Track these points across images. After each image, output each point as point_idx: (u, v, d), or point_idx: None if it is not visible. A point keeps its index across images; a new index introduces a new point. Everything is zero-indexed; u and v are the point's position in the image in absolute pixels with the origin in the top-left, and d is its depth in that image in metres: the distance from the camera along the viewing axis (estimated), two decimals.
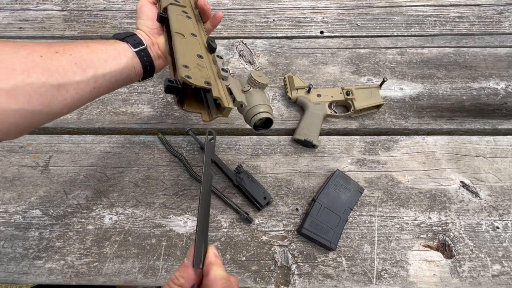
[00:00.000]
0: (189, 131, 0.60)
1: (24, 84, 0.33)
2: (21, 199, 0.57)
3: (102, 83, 0.41)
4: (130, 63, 0.44)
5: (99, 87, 0.41)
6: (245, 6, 0.83)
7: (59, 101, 0.36)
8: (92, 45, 0.41)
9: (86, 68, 0.38)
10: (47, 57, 0.35)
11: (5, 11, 0.81)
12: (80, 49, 0.39)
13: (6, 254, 0.52)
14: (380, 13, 0.82)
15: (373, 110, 0.67)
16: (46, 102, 0.35)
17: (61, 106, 0.37)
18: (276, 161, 0.62)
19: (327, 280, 0.52)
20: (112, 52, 0.42)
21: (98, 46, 0.41)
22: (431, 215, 0.57)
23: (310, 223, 0.53)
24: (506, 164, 0.62)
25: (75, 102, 0.38)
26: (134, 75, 0.45)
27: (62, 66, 0.36)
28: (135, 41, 0.45)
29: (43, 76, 0.34)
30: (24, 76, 0.33)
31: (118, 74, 0.42)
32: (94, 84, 0.39)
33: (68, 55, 0.37)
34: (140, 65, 0.45)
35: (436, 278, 0.52)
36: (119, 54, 0.43)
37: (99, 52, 0.41)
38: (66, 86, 0.36)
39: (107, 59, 0.41)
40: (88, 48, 0.40)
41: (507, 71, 0.73)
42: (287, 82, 0.67)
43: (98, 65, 0.40)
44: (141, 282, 0.51)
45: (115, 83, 0.43)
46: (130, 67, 0.44)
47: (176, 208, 0.57)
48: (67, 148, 0.62)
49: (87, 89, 0.39)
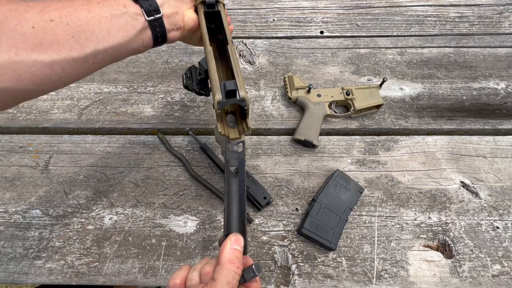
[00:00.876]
0: (189, 131, 0.60)
1: (12, 62, 0.28)
2: (21, 199, 0.57)
3: (103, 58, 0.36)
4: (138, 36, 0.37)
5: (99, 63, 0.36)
6: (245, 6, 0.83)
7: (53, 80, 0.32)
8: (94, 9, 0.34)
9: (85, 42, 0.33)
10: (39, 28, 0.30)
11: None
12: (79, 15, 0.33)
13: (6, 254, 0.52)
14: (380, 13, 0.82)
15: (373, 110, 0.67)
16: (38, 81, 0.31)
17: (56, 84, 0.33)
18: (276, 161, 0.62)
19: (327, 280, 0.52)
20: (118, 21, 0.35)
21: (101, 11, 0.34)
22: (431, 215, 0.57)
23: (310, 223, 0.53)
24: (506, 164, 0.62)
25: (72, 79, 0.34)
26: (141, 47, 0.39)
27: (56, 41, 0.31)
28: (150, 7, 0.38)
29: (34, 53, 0.29)
30: (12, 53, 0.28)
31: (122, 48, 0.36)
32: (93, 60, 0.35)
33: (65, 24, 0.32)
34: (151, 38, 0.39)
35: (436, 278, 0.52)
36: (126, 24, 0.36)
37: (101, 21, 0.34)
38: (61, 64, 0.32)
39: (111, 30, 0.35)
40: (89, 14, 0.33)
41: (507, 71, 0.73)
42: (287, 82, 0.67)
43: (99, 37, 0.34)
44: (141, 282, 0.51)
45: (118, 57, 0.38)
46: (138, 39, 0.38)
47: (176, 208, 0.57)
48: (67, 148, 0.62)
49: (85, 65, 0.34)
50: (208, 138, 0.63)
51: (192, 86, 0.48)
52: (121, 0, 0.36)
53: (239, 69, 0.41)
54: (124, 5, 0.36)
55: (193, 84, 0.49)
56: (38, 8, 0.31)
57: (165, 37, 0.41)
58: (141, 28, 0.37)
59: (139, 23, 0.37)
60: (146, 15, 0.37)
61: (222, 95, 0.37)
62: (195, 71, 0.50)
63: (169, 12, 0.40)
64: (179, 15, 0.42)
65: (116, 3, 0.36)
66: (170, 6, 0.41)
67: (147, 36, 0.39)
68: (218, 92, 0.38)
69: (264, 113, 0.67)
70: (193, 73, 0.50)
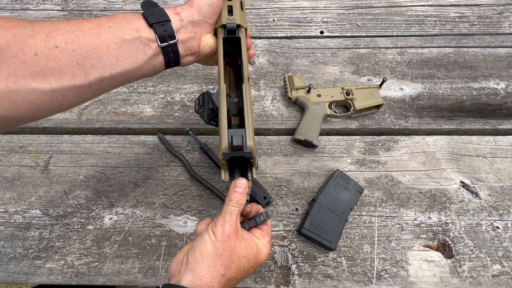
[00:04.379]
0: (189, 131, 0.60)
1: (9, 90, 0.27)
2: (21, 199, 0.57)
3: (109, 84, 0.34)
4: (149, 62, 0.35)
5: (105, 88, 0.34)
6: (245, 6, 0.83)
7: (53, 107, 0.31)
8: (104, 34, 0.32)
9: (91, 69, 0.31)
10: (42, 55, 0.28)
11: (5, 11, 0.81)
12: (87, 40, 0.31)
13: (6, 254, 0.52)
14: (380, 13, 0.82)
15: (373, 110, 0.67)
16: (36, 109, 0.30)
17: (56, 110, 0.32)
18: (276, 161, 0.62)
19: (327, 280, 0.52)
20: (129, 47, 0.33)
21: (112, 37, 0.32)
22: (431, 215, 0.57)
23: (310, 223, 0.53)
24: (506, 164, 0.62)
25: (74, 104, 0.33)
26: (151, 72, 0.37)
27: (59, 68, 0.29)
28: (165, 32, 0.35)
29: (34, 81, 0.28)
30: (10, 81, 0.27)
31: (130, 73, 0.35)
32: (98, 86, 0.33)
33: (71, 50, 0.30)
34: (163, 63, 0.37)
35: (436, 278, 0.52)
36: (137, 50, 0.34)
37: (110, 47, 0.32)
38: (62, 91, 0.30)
39: (120, 56, 0.33)
40: (98, 39, 0.32)
41: (507, 71, 0.73)
42: (287, 82, 0.67)
43: (106, 64, 0.32)
44: (141, 282, 0.51)
45: (125, 82, 0.36)
46: (148, 65, 0.36)
47: (176, 208, 0.57)
48: (67, 148, 0.62)
49: (88, 92, 0.33)
50: (208, 138, 0.63)
51: (203, 116, 0.46)
52: (135, 23, 0.34)
53: (251, 113, 0.38)
54: (137, 30, 0.34)
55: (204, 114, 0.46)
56: (44, 32, 0.29)
57: (178, 62, 0.39)
58: (153, 54, 0.35)
59: (151, 49, 0.35)
60: (160, 41, 0.35)
61: (228, 148, 0.35)
62: (208, 99, 0.47)
63: (185, 37, 0.38)
64: (195, 40, 0.39)
65: (129, 27, 0.34)
66: (187, 31, 0.38)
67: (159, 61, 0.37)
68: (225, 141, 0.35)
69: (264, 113, 0.67)
70: (206, 101, 0.47)
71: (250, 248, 0.36)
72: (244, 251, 0.36)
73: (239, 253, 0.35)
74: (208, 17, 0.40)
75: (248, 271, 0.37)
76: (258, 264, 0.38)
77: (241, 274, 0.36)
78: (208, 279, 0.32)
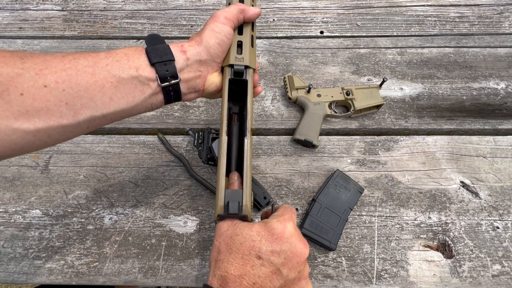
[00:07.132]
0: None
1: None
2: (21, 199, 0.57)
3: (100, 123, 0.32)
4: (147, 100, 0.33)
5: (96, 126, 0.32)
6: None
7: (36, 145, 0.29)
8: (100, 72, 0.30)
9: (80, 109, 0.29)
10: (29, 95, 0.27)
11: (5, 11, 0.81)
12: (80, 79, 0.29)
13: (6, 254, 0.52)
14: (380, 13, 0.82)
15: (373, 110, 0.67)
16: (18, 148, 0.28)
17: (40, 148, 0.30)
18: (276, 161, 0.62)
19: (327, 280, 0.52)
20: (125, 86, 0.31)
21: (107, 75, 0.30)
22: (431, 215, 0.57)
23: (310, 223, 0.53)
24: (506, 164, 0.62)
25: (60, 141, 0.31)
26: (148, 110, 0.35)
27: (46, 108, 0.27)
28: (167, 73, 0.33)
29: (16, 121, 0.26)
30: None
31: (125, 112, 0.33)
32: (88, 125, 0.31)
33: (61, 90, 0.28)
34: (162, 101, 0.35)
35: (436, 278, 0.52)
36: (134, 89, 0.32)
37: (105, 86, 0.30)
38: (47, 131, 0.28)
39: (114, 96, 0.31)
40: (92, 78, 0.30)
41: (507, 71, 0.73)
42: (287, 82, 0.67)
43: (98, 104, 0.30)
44: (141, 282, 0.51)
45: (119, 119, 0.34)
46: (145, 103, 0.34)
47: (176, 208, 0.57)
48: (67, 148, 0.62)
49: (77, 130, 0.31)
50: None
51: (201, 155, 0.45)
52: (135, 61, 0.32)
53: (250, 173, 0.36)
54: (136, 69, 0.32)
55: (202, 154, 0.45)
56: (34, 70, 0.27)
57: (179, 99, 0.37)
58: (152, 93, 0.33)
59: (149, 89, 0.33)
60: (160, 81, 0.33)
61: (223, 210, 0.34)
62: (207, 137, 0.45)
63: (189, 77, 0.36)
64: (200, 79, 0.37)
65: (128, 65, 0.32)
66: (192, 70, 0.36)
67: (158, 100, 0.35)
68: (221, 201, 0.34)
69: (264, 113, 0.67)
70: (205, 140, 0.46)
71: (249, 227, 0.33)
72: (241, 232, 0.33)
73: (235, 238, 0.33)
74: (216, 56, 0.38)
75: (255, 246, 0.32)
76: (276, 236, 0.33)
77: (242, 248, 0.32)
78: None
